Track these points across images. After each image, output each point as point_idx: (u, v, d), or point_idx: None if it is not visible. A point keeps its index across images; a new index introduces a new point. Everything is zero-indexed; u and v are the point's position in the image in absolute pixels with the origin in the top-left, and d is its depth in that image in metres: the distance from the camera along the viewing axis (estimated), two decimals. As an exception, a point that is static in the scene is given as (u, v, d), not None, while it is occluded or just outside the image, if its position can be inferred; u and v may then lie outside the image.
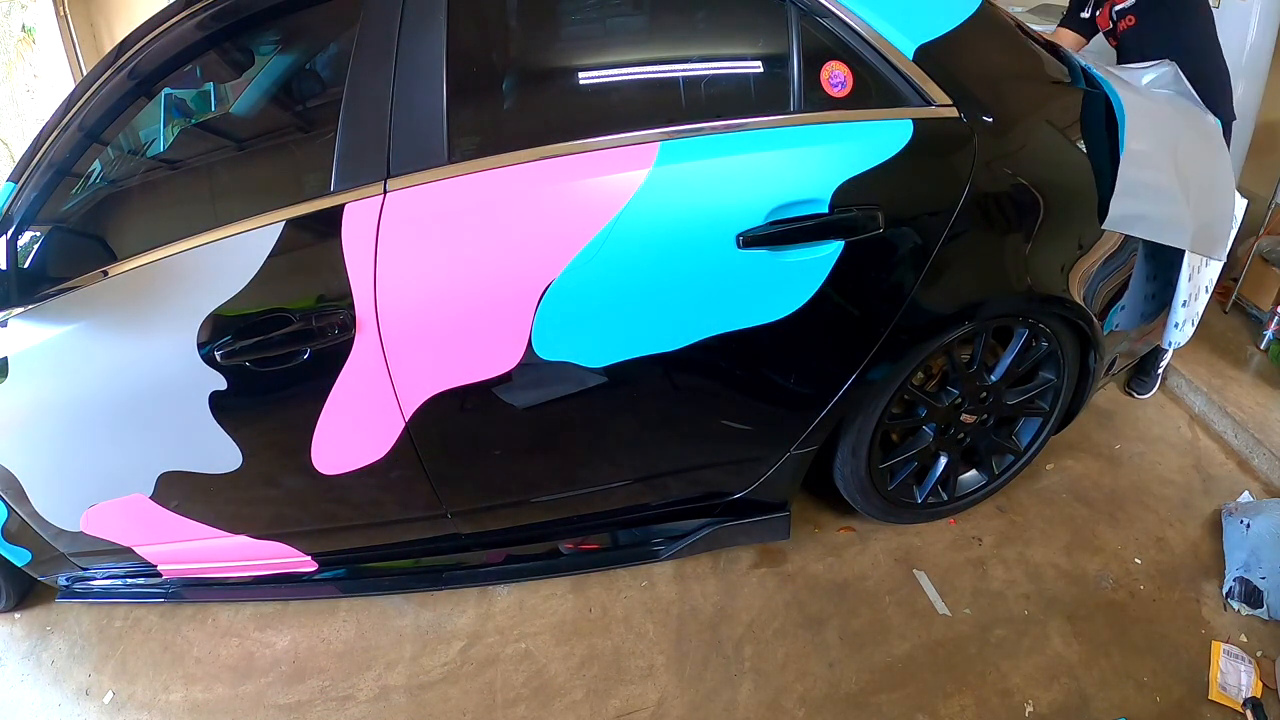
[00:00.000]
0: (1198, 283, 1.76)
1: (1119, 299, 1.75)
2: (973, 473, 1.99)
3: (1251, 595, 1.76)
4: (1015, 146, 1.53)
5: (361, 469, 1.59)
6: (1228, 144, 1.89)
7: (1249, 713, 1.55)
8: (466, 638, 1.85)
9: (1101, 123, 1.59)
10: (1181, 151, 1.66)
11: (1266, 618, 1.74)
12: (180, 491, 1.65)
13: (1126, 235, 1.66)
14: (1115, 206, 1.53)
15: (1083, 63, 1.72)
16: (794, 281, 1.46)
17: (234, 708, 1.76)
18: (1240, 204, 1.88)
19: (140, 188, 1.68)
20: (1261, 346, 2.49)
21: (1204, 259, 1.77)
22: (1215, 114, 1.85)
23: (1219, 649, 1.68)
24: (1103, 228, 1.55)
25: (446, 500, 1.69)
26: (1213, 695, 1.59)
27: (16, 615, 2.07)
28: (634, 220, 1.38)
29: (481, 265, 1.40)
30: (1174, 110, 1.76)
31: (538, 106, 1.63)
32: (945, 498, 1.98)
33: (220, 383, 1.47)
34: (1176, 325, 1.78)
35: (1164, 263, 1.72)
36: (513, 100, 1.62)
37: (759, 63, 1.59)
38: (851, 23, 1.44)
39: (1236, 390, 2.34)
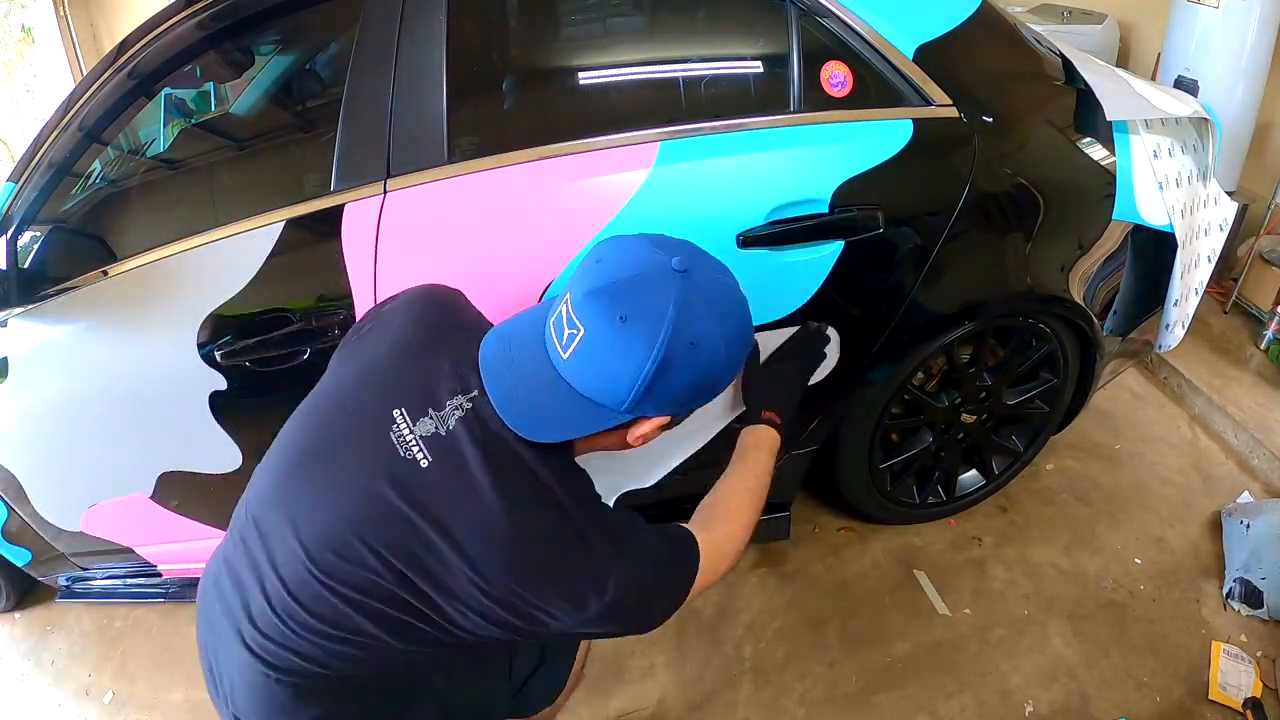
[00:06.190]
0: (1189, 282, 1.76)
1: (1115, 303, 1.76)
2: (973, 473, 1.99)
3: (1251, 595, 1.76)
4: (1015, 146, 1.53)
5: (361, 469, 1.59)
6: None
7: (1249, 713, 1.55)
8: (466, 638, 1.85)
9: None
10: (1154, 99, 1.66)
11: (1266, 618, 1.74)
12: (180, 491, 1.65)
13: (1126, 235, 1.66)
14: (1107, 107, 1.51)
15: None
16: (794, 281, 1.45)
17: (234, 708, 1.76)
18: (1231, 207, 1.88)
19: (140, 188, 1.69)
20: (1261, 346, 2.49)
21: (1194, 260, 1.77)
22: None
23: (1219, 649, 1.68)
24: (1109, 118, 1.51)
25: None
26: (1213, 695, 1.60)
27: (16, 615, 2.07)
28: (634, 220, 1.38)
29: (481, 265, 1.40)
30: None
31: (537, 106, 1.63)
32: (945, 498, 1.98)
33: (220, 383, 1.47)
34: (1168, 327, 1.78)
35: (1153, 263, 1.72)
36: (513, 100, 1.62)
37: (759, 63, 1.59)
38: (851, 22, 1.44)
39: (1236, 390, 2.34)
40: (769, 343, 1.48)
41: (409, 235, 1.39)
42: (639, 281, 0.86)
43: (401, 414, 0.90)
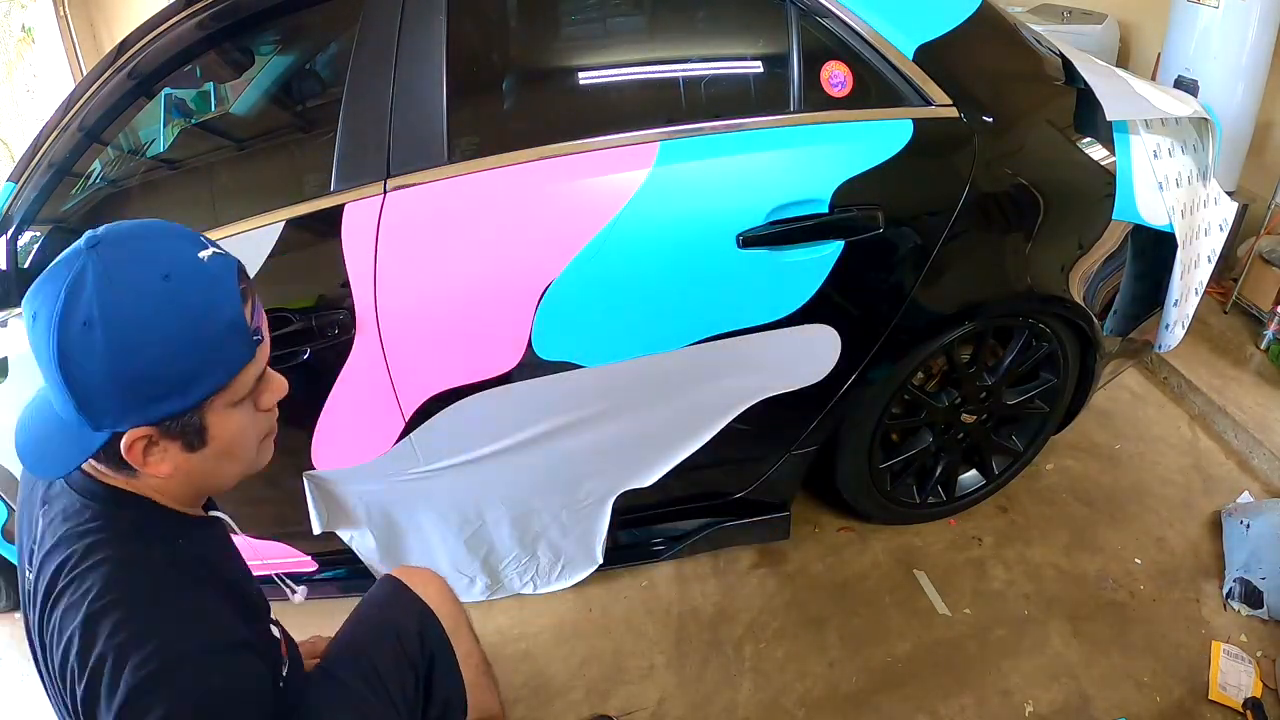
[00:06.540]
0: (1188, 282, 1.76)
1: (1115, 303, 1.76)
2: (973, 473, 1.99)
3: (1251, 595, 1.76)
4: (1015, 146, 1.53)
5: (361, 469, 1.59)
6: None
7: (1249, 713, 1.55)
8: (466, 638, 1.84)
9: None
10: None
11: (1266, 618, 1.74)
12: (180, 491, 1.65)
13: (1126, 235, 1.66)
14: (1107, 107, 1.51)
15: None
16: (794, 281, 1.46)
17: (234, 708, 1.76)
18: (1231, 207, 1.88)
19: (140, 188, 1.68)
20: (1261, 346, 2.49)
21: (1194, 260, 1.77)
22: None
23: (1219, 649, 1.68)
24: (1109, 118, 1.51)
25: (446, 500, 1.68)
26: (1213, 695, 1.59)
27: (16, 615, 2.07)
28: (634, 220, 1.38)
29: (481, 265, 1.40)
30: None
31: (538, 106, 1.63)
32: (945, 498, 1.98)
33: (220, 383, 1.47)
34: (1168, 326, 1.78)
35: (1153, 263, 1.72)
36: (513, 100, 1.62)
37: (759, 63, 1.59)
38: (851, 22, 1.44)
39: (1236, 390, 2.34)
40: (768, 343, 1.48)
41: (409, 235, 1.39)
42: (50, 269, 0.75)
43: (22, 559, 0.90)
